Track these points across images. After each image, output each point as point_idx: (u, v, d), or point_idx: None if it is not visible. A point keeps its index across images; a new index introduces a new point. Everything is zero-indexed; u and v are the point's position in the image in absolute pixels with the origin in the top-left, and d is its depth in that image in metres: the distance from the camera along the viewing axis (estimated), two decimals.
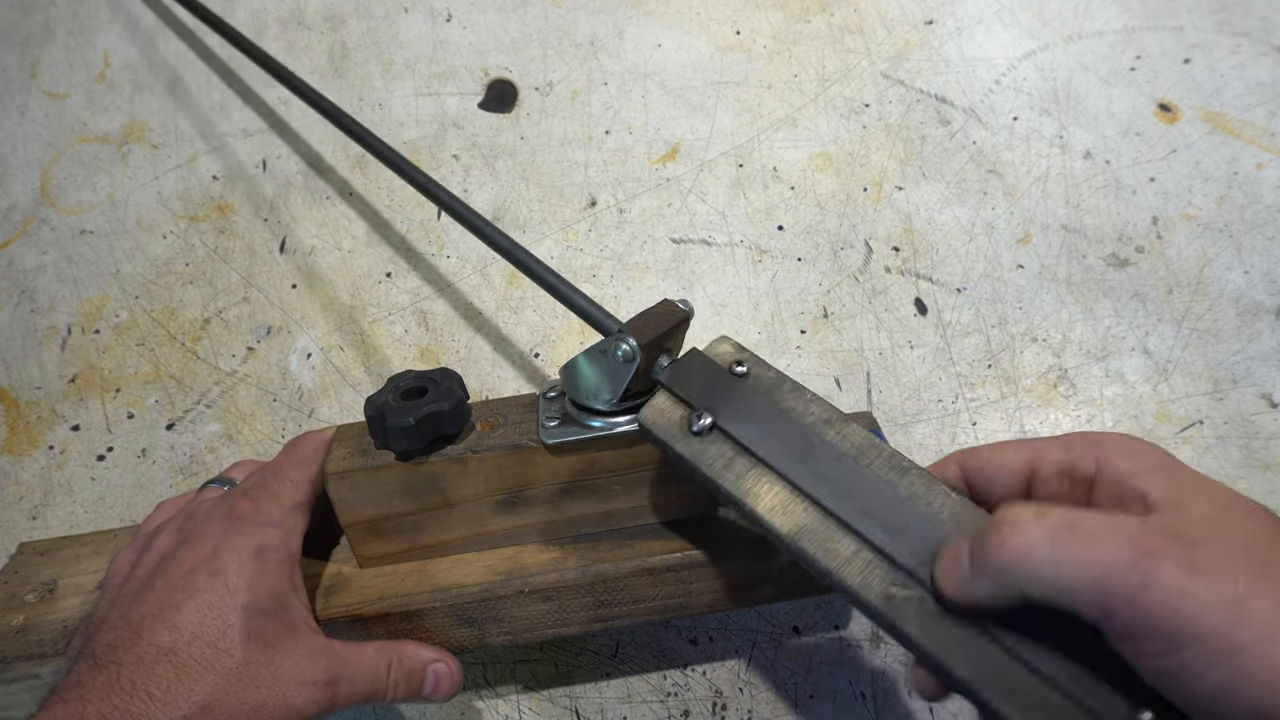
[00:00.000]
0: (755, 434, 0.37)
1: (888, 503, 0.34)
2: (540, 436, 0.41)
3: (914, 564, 0.32)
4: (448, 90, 0.71)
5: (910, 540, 0.33)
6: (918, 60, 0.71)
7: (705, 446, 0.37)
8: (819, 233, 0.64)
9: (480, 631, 0.42)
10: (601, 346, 0.39)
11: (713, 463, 0.36)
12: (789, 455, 0.36)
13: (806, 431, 0.36)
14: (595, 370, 0.39)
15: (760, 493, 0.35)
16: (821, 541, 0.34)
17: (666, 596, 0.43)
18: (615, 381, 0.39)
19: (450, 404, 0.40)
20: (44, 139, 0.69)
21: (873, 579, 0.33)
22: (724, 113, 0.69)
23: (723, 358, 0.39)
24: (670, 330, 0.39)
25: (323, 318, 0.61)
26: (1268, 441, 0.55)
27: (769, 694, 0.49)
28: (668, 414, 0.38)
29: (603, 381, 0.39)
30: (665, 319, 0.39)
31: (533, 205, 0.65)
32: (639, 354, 0.37)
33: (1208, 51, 0.70)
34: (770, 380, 0.39)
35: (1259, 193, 0.63)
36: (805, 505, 0.35)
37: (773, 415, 0.37)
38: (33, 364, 0.60)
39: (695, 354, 0.40)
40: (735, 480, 0.36)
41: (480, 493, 0.42)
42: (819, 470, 0.35)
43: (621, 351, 0.37)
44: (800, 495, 0.35)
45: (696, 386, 0.38)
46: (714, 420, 0.37)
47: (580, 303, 0.42)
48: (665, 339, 0.39)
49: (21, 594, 0.45)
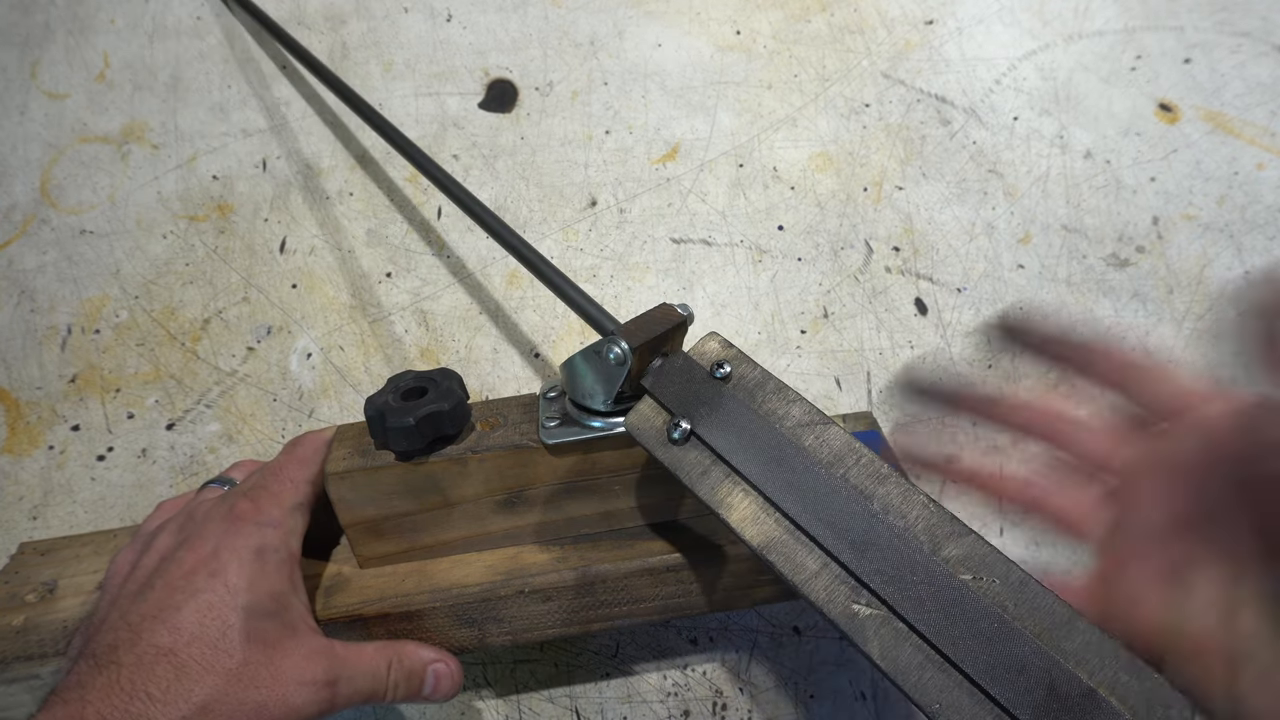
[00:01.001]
0: (731, 442, 0.36)
1: (858, 516, 0.33)
2: (540, 436, 0.41)
3: (879, 582, 0.32)
4: (448, 90, 0.71)
5: (879, 557, 0.32)
6: (918, 60, 0.71)
7: (684, 454, 0.37)
8: (819, 233, 0.64)
9: (481, 632, 0.42)
10: (596, 348, 0.39)
11: (690, 470, 0.36)
12: (763, 465, 0.35)
13: (783, 439, 0.36)
14: (590, 371, 0.39)
15: (733, 503, 0.35)
16: (789, 555, 0.33)
17: (667, 596, 0.43)
18: (608, 384, 0.39)
19: (450, 404, 0.40)
20: (44, 139, 0.69)
21: (837, 595, 0.32)
22: (724, 113, 0.69)
23: (707, 357, 0.39)
24: (665, 334, 0.39)
25: (323, 318, 0.61)
26: None
27: (769, 694, 0.49)
28: (651, 420, 0.38)
29: (597, 383, 0.39)
30: (660, 323, 0.39)
31: (533, 205, 0.65)
32: (630, 357, 0.37)
33: (1208, 51, 0.70)
34: (753, 381, 0.38)
35: (1259, 192, 0.63)
36: (776, 517, 0.34)
37: (750, 421, 0.37)
38: (33, 364, 0.60)
39: (679, 357, 0.40)
40: (710, 490, 0.36)
41: (480, 493, 0.42)
42: (792, 481, 0.35)
43: (613, 354, 0.37)
44: (771, 507, 0.35)
45: (676, 392, 0.38)
46: (691, 428, 0.37)
47: (579, 301, 0.42)
48: (660, 343, 0.39)
49: (22, 594, 0.45)
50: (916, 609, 0.31)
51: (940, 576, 0.31)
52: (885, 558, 0.32)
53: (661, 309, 0.40)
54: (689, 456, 0.37)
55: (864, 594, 0.32)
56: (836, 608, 0.32)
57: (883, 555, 0.32)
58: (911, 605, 0.31)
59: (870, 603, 0.32)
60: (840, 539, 0.33)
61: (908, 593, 0.31)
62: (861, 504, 0.34)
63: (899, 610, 0.31)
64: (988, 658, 0.29)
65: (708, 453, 0.37)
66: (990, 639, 0.29)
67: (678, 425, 0.37)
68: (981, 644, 0.29)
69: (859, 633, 0.31)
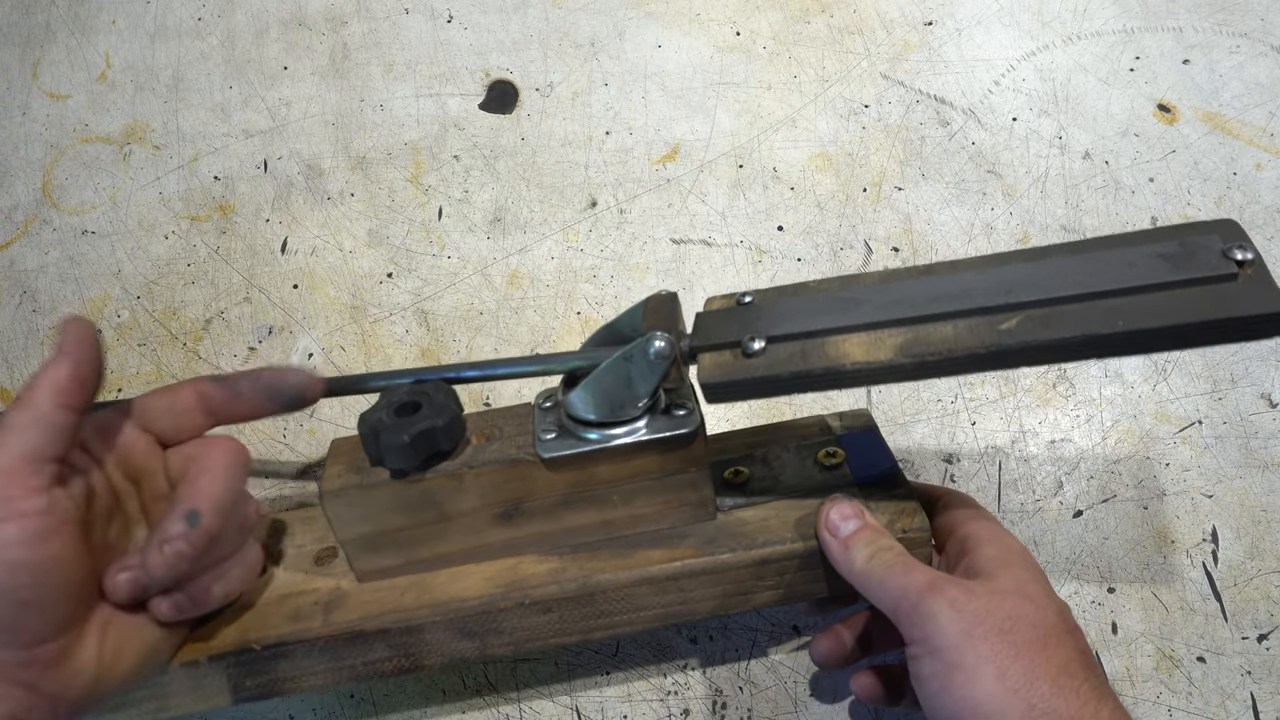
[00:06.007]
0: (802, 321, 0.39)
1: (940, 287, 0.38)
2: (537, 450, 0.41)
3: (996, 304, 0.37)
4: (449, 91, 0.71)
5: (981, 295, 0.37)
6: (917, 61, 0.71)
7: (770, 357, 0.39)
8: (819, 233, 0.64)
9: (482, 644, 0.42)
10: (626, 354, 0.39)
11: (789, 362, 0.38)
12: (843, 312, 0.39)
13: (836, 292, 0.40)
14: (621, 380, 0.39)
15: (845, 353, 0.38)
16: (924, 341, 0.37)
17: (667, 604, 0.43)
18: (647, 383, 0.39)
19: (444, 420, 0.40)
20: (45, 139, 0.69)
21: (982, 333, 0.36)
22: (724, 113, 0.69)
23: (726, 302, 0.42)
24: (677, 314, 0.42)
25: (324, 318, 0.62)
26: (1267, 441, 0.55)
27: (769, 693, 0.49)
28: (720, 362, 0.40)
29: (629, 390, 0.40)
30: (668, 306, 0.41)
31: (533, 206, 0.66)
32: (674, 346, 0.39)
33: (1207, 52, 0.70)
34: (775, 291, 0.42)
35: (1258, 193, 0.63)
36: (886, 332, 0.38)
37: (801, 303, 0.40)
38: (34, 364, 0.61)
39: (704, 315, 0.42)
40: (819, 359, 0.38)
41: (477, 506, 0.42)
42: (874, 301, 0.39)
43: (655, 349, 0.38)
44: (874, 328, 0.38)
45: (726, 329, 0.41)
46: (762, 335, 0.39)
47: (597, 356, 0.42)
48: (677, 323, 0.41)
49: None
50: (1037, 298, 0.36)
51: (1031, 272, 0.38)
52: (987, 291, 0.37)
53: (653, 299, 0.42)
54: (778, 355, 0.39)
55: (995, 318, 0.36)
56: (992, 338, 0.36)
57: (985, 291, 0.37)
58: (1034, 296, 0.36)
59: (1005, 319, 0.36)
60: (945, 304, 0.37)
61: (1021, 298, 0.37)
62: (935, 280, 0.39)
63: (1029, 310, 0.36)
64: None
65: (791, 342, 0.39)
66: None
67: (751, 341, 0.39)
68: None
69: (1015, 338, 0.36)
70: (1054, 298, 0.36)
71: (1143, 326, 0.34)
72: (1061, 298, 0.36)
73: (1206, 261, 0.35)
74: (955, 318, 0.37)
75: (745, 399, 0.40)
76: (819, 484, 0.45)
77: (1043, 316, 0.36)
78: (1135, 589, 0.51)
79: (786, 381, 0.38)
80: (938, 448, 0.56)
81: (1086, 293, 0.36)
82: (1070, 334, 0.35)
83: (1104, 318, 0.35)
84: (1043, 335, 0.35)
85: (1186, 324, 0.34)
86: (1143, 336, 0.34)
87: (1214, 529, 0.52)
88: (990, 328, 0.36)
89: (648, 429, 0.41)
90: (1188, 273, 0.35)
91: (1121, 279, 0.36)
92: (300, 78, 0.71)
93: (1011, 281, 0.37)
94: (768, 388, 0.39)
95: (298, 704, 0.50)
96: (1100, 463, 0.55)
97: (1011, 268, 0.38)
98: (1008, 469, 0.55)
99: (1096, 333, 0.35)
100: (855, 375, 0.38)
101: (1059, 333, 0.35)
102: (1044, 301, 0.36)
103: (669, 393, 0.42)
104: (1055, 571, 0.52)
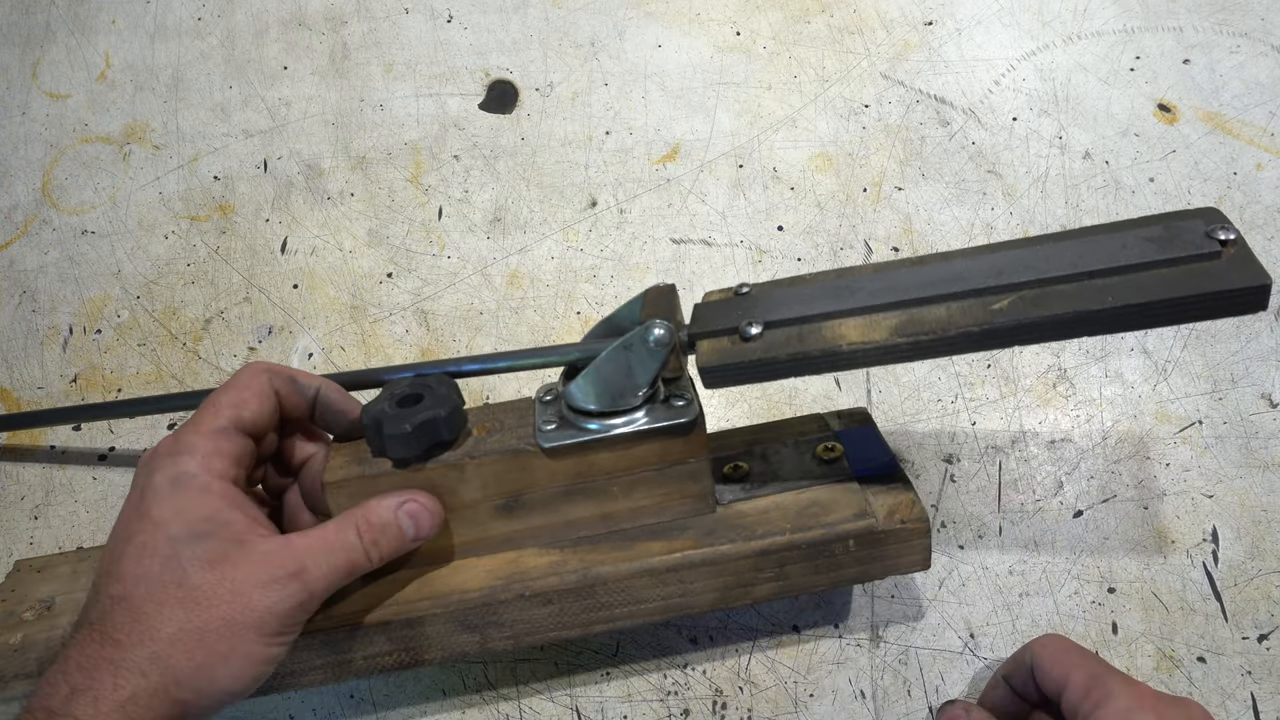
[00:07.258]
0: (799, 307, 0.40)
1: (933, 274, 0.39)
2: (537, 440, 0.41)
3: (988, 286, 0.38)
4: (449, 91, 0.71)
5: (974, 279, 0.38)
6: (917, 61, 0.71)
7: (768, 341, 0.40)
8: (819, 233, 0.64)
9: (483, 636, 0.42)
10: (626, 342, 0.39)
11: (786, 345, 0.39)
12: (839, 298, 0.40)
13: (833, 280, 0.41)
14: (622, 368, 0.40)
15: (842, 334, 0.39)
16: (919, 321, 0.38)
17: (667, 597, 0.43)
18: (647, 370, 0.40)
19: (446, 410, 0.40)
20: (45, 139, 0.69)
21: (975, 313, 0.37)
22: (724, 113, 0.69)
23: (724, 294, 0.43)
24: (675, 304, 0.42)
25: (324, 318, 0.62)
26: (1267, 441, 0.55)
27: (769, 693, 0.49)
28: (718, 348, 0.40)
29: (629, 378, 0.40)
30: (667, 298, 0.42)
31: (533, 206, 0.66)
32: (673, 332, 0.39)
33: (1207, 52, 0.70)
34: (772, 282, 0.43)
35: (1258, 193, 0.63)
36: (880, 315, 0.39)
37: (798, 291, 0.41)
38: (34, 364, 0.61)
39: (702, 305, 0.43)
40: (815, 342, 0.39)
41: (478, 498, 0.42)
42: (869, 288, 0.40)
43: (654, 336, 0.39)
44: (870, 312, 0.39)
45: (724, 316, 0.41)
46: (759, 321, 0.40)
47: (595, 347, 0.42)
48: (676, 313, 0.42)
49: (19, 612, 0.45)
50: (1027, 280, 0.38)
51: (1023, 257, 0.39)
52: (976, 276, 0.38)
53: (651, 292, 0.43)
54: (775, 338, 0.40)
55: (988, 299, 0.38)
56: (985, 317, 0.37)
57: (972, 278, 0.38)
58: (1026, 278, 0.38)
59: (997, 299, 0.37)
60: (936, 287, 0.38)
61: (1013, 279, 0.38)
62: (920, 271, 0.40)
63: (1021, 291, 0.37)
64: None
65: (788, 326, 0.40)
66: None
67: (749, 327, 0.40)
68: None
69: (1009, 317, 0.37)
70: (1045, 278, 0.37)
71: (1131, 302, 0.35)
72: (1052, 278, 0.37)
73: (1191, 242, 0.37)
74: (949, 300, 0.38)
75: (743, 383, 0.41)
76: (818, 477, 0.45)
77: (1034, 296, 0.37)
78: (1135, 589, 0.51)
79: (784, 364, 0.39)
80: (938, 448, 0.56)
81: (1076, 273, 0.37)
82: (1061, 311, 0.36)
83: (1094, 295, 0.36)
84: (1034, 313, 0.36)
85: (1174, 298, 0.35)
86: (1132, 312, 0.36)
87: (1214, 529, 0.52)
88: (983, 308, 0.37)
89: (647, 419, 0.41)
90: (1173, 252, 0.36)
91: (1110, 260, 0.37)
92: (300, 78, 0.71)
93: (1003, 266, 0.38)
94: (765, 371, 0.39)
95: (297, 704, 0.50)
96: (1100, 463, 0.55)
97: (1003, 254, 0.39)
98: (1008, 469, 0.55)
99: (1086, 309, 0.36)
100: (851, 356, 0.38)
101: (1050, 310, 0.36)
102: (1035, 282, 0.37)
103: (668, 384, 0.43)
104: (1055, 571, 0.51)
